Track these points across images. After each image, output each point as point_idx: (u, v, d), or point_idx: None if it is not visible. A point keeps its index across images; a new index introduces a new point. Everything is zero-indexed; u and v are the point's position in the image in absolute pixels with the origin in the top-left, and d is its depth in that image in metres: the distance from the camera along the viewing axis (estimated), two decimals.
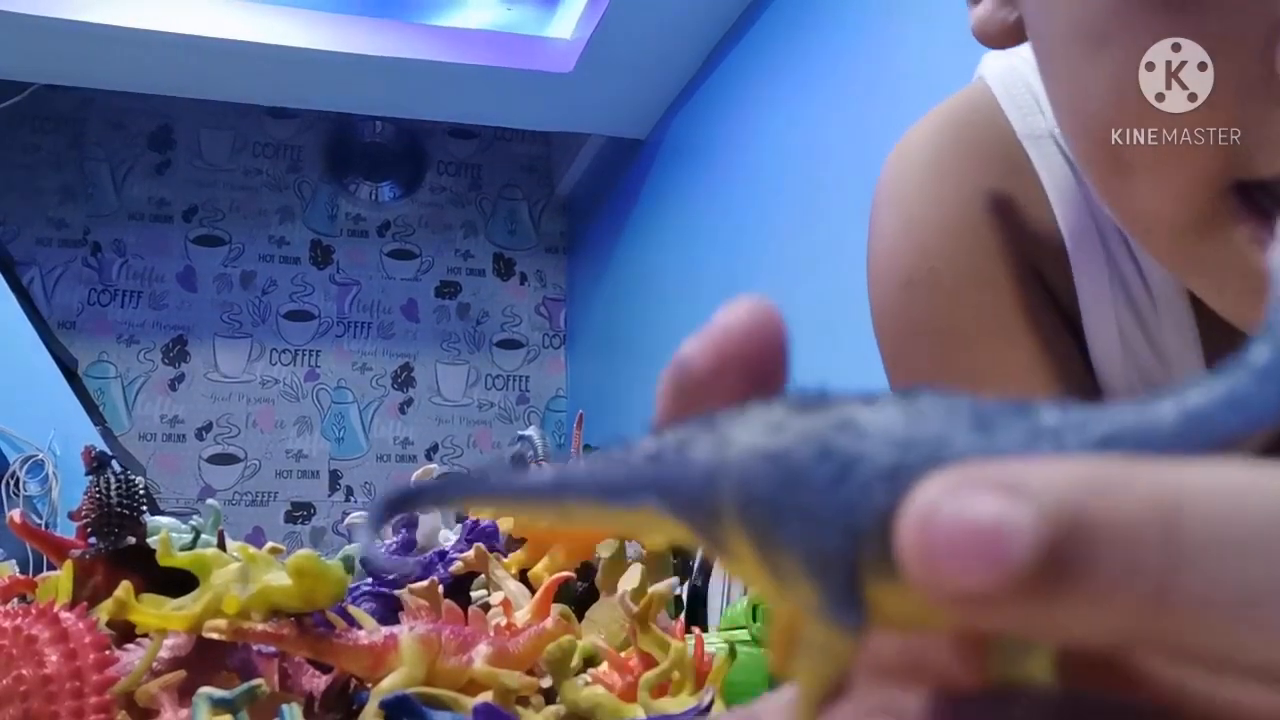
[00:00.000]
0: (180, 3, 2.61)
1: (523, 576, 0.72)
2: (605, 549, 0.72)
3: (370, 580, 0.72)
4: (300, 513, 3.61)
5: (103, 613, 0.55)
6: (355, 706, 0.55)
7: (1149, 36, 0.33)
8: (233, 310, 3.64)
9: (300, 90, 3.04)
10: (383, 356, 3.75)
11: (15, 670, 0.47)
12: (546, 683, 0.58)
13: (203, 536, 0.70)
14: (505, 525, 0.78)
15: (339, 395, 3.70)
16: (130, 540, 0.61)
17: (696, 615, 0.72)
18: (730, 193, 2.67)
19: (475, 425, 3.80)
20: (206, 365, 3.60)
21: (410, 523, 0.79)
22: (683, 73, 2.88)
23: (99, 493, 0.62)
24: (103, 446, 2.07)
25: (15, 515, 0.62)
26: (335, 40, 2.73)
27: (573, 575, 0.70)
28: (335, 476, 3.66)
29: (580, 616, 0.67)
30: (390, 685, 0.52)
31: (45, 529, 0.72)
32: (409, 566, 0.54)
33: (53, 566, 0.63)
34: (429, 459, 3.66)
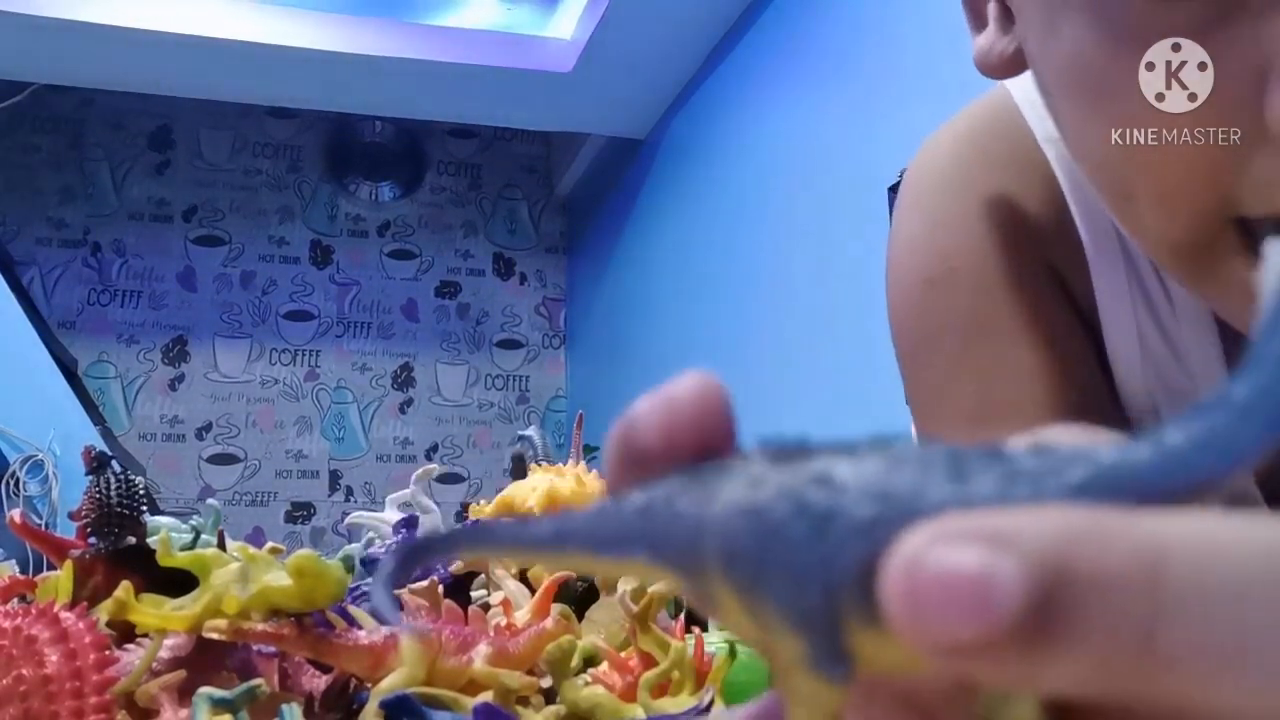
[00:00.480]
0: (180, 3, 2.61)
1: (523, 576, 0.72)
2: None
3: (370, 580, 0.72)
4: (300, 513, 3.61)
5: (103, 613, 0.55)
6: (355, 706, 0.55)
7: (1137, 92, 0.33)
8: (233, 310, 3.64)
9: (300, 90, 3.04)
10: (382, 356, 3.75)
11: (15, 670, 0.47)
12: (546, 683, 0.58)
13: (203, 536, 0.70)
14: None
15: (339, 395, 3.70)
16: (130, 540, 0.61)
17: (696, 615, 0.72)
18: (729, 192, 2.67)
19: (475, 425, 3.80)
20: (206, 365, 3.61)
21: (410, 523, 0.79)
22: (682, 73, 2.88)
23: (99, 493, 0.62)
24: (102, 446, 2.07)
25: (15, 515, 0.62)
26: (335, 40, 2.73)
27: (573, 575, 0.70)
28: (335, 476, 3.66)
29: (580, 616, 0.67)
30: (390, 685, 0.52)
31: (45, 529, 0.72)
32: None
33: (53, 566, 0.63)
34: (429, 459, 3.66)
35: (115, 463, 0.66)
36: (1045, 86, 0.40)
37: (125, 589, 0.54)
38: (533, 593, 0.67)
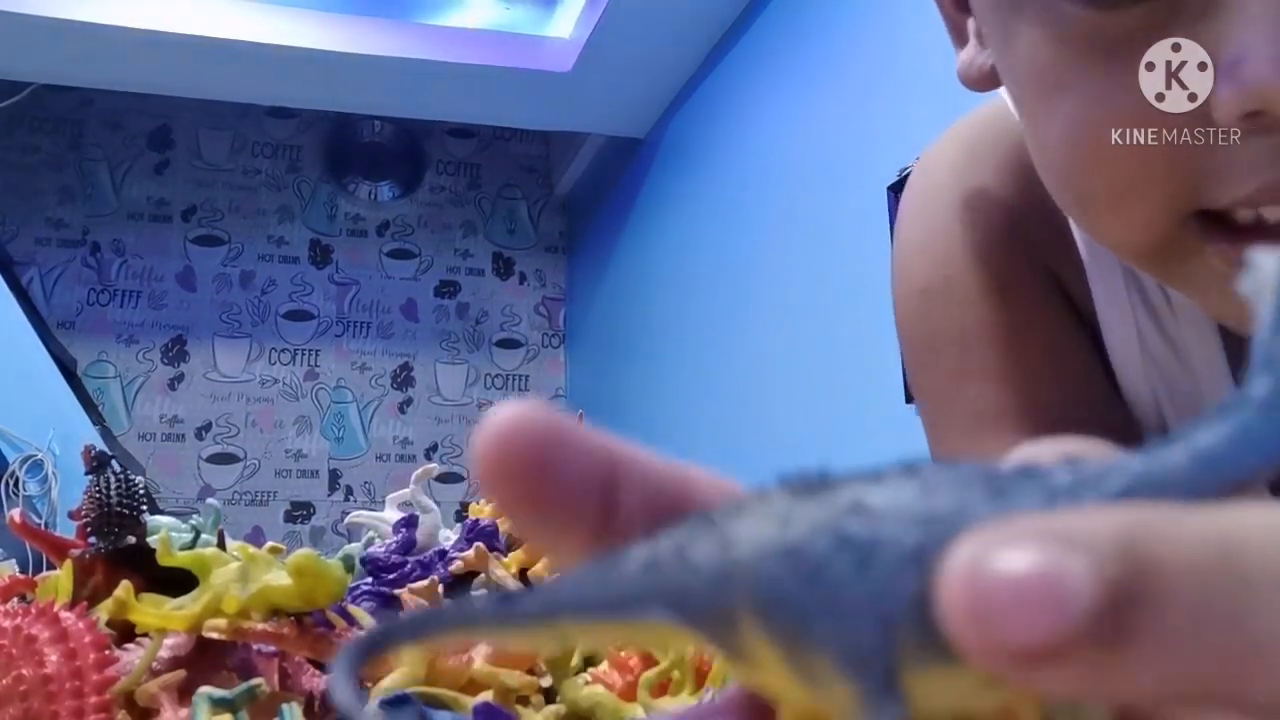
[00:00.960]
0: (180, 3, 2.61)
1: (523, 576, 0.72)
2: None
3: (370, 580, 0.72)
4: (300, 512, 3.61)
5: (103, 612, 0.55)
6: None
7: (1093, 86, 0.34)
8: (232, 310, 3.64)
9: (299, 90, 3.04)
10: (382, 356, 3.75)
11: (15, 670, 0.47)
12: (546, 682, 0.58)
13: (203, 536, 0.70)
14: (505, 525, 0.78)
15: (338, 395, 3.70)
16: (130, 540, 0.61)
17: None
18: (729, 192, 2.67)
19: (474, 425, 3.78)
20: (206, 365, 3.60)
21: (410, 522, 0.79)
22: (682, 72, 2.88)
23: (99, 492, 0.62)
24: (102, 446, 2.07)
25: (15, 515, 0.62)
26: (334, 40, 2.73)
27: None
28: (335, 476, 3.66)
29: None
30: (390, 685, 0.52)
31: (45, 529, 0.72)
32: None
33: (53, 566, 0.63)
34: (428, 459, 3.66)
35: (115, 462, 0.66)
36: (1013, 97, 0.41)
37: (125, 589, 0.54)
38: None
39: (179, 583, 0.55)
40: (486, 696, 0.54)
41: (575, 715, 0.54)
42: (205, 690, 0.47)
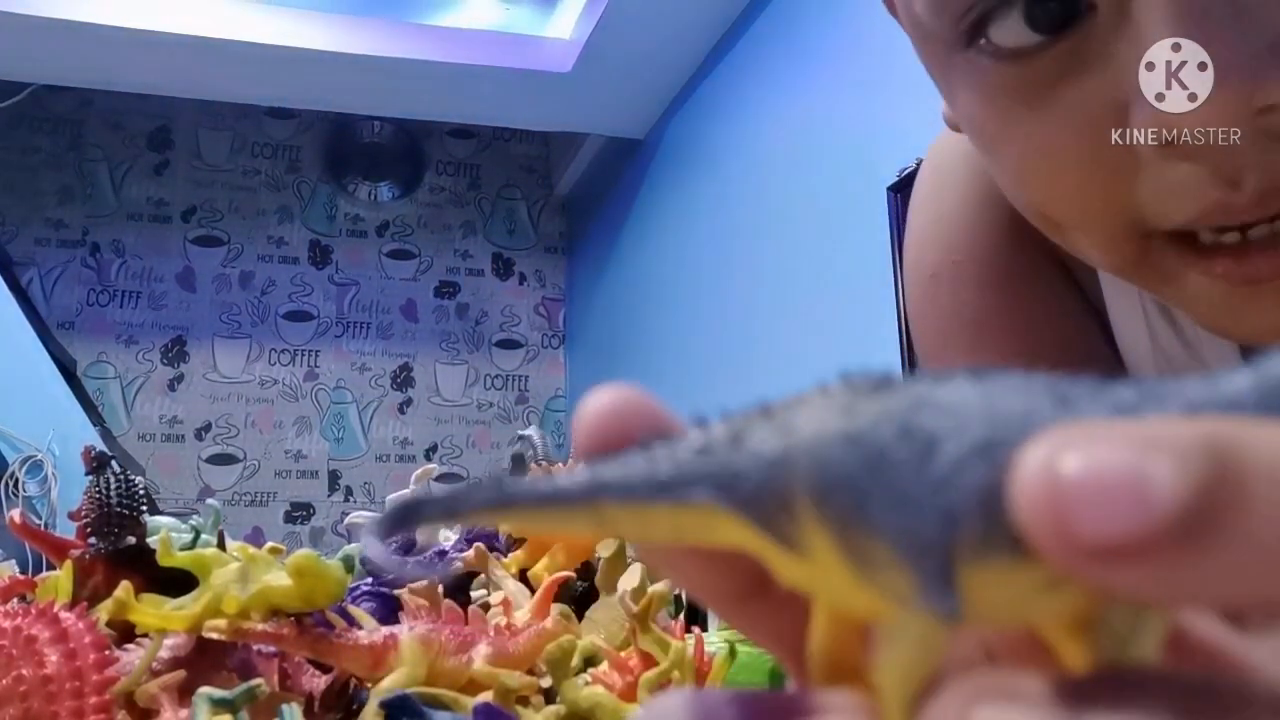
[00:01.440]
0: (180, 3, 2.61)
1: (523, 576, 0.72)
2: (605, 549, 0.72)
3: (370, 580, 0.72)
4: (299, 513, 3.61)
5: (103, 613, 0.55)
6: (355, 706, 0.55)
7: (1025, 134, 0.36)
8: (231, 310, 3.64)
9: (299, 90, 3.04)
10: (382, 356, 3.75)
11: (15, 670, 0.47)
12: (546, 683, 0.58)
13: (202, 536, 0.70)
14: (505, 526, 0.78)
15: (338, 395, 3.70)
16: (130, 540, 0.61)
17: (696, 615, 0.72)
18: (728, 192, 2.67)
19: (474, 425, 3.79)
20: (205, 365, 3.60)
21: None
22: (681, 73, 2.88)
23: (99, 493, 0.62)
24: (102, 447, 2.07)
25: (15, 515, 0.62)
26: (334, 40, 2.73)
27: (573, 575, 0.70)
28: (334, 477, 3.66)
29: (580, 616, 0.67)
30: (390, 685, 0.52)
31: (45, 529, 0.72)
32: (420, 569, 0.53)
33: (52, 566, 0.63)
34: (428, 459, 3.66)
35: (115, 463, 0.66)
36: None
37: (125, 589, 0.54)
38: (533, 592, 0.67)
39: (179, 583, 0.55)
40: (486, 697, 0.54)
41: (575, 715, 0.54)
42: (205, 690, 0.47)
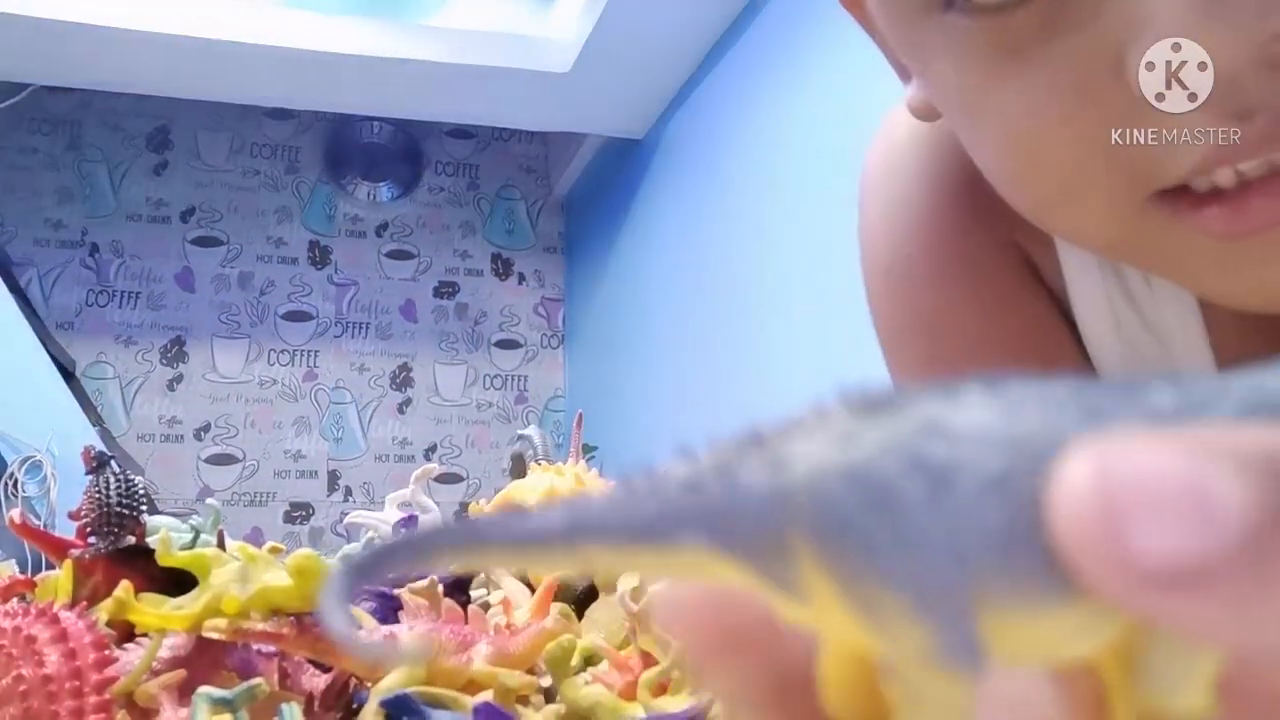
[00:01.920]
0: (180, 3, 2.61)
1: (523, 575, 0.72)
2: None
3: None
4: (299, 513, 3.60)
5: (103, 613, 0.55)
6: (355, 706, 0.55)
7: (1009, 98, 0.34)
8: (231, 311, 3.64)
9: (298, 90, 3.04)
10: (381, 357, 3.75)
11: (15, 670, 0.47)
12: (546, 682, 0.58)
13: (202, 536, 0.70)
14: None
15: (337, 395, 3.70)
16: (130, 540, 0.61)
17: None
18: (728, 192, 2.67)
19: (474, 425, 3.79)
20: (204, 366, 3.60)
21: (409, 522, 0.79)
22: (680, 73, 2.88)
23: (98, 492, 0.62)
24: (101, 447, 2.07)
25: (15, 515, 0.62)
26: (333, 40, 2.73)
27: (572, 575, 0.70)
28: (334, 476, 3.66)
29: (580, 616, 0.67)
30: (390, 685, 0.52)
31: (44, 529, 0.72)
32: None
33: (52, 566, 0.63)
34: (427, 459, 3.66)
35: (114, 463, 0.66)
36: (952, 127, 0.40)
37: (125, 589, 0.54)
38: (533, 592, 0.67)
39: (179, 583, 0.55)
40: (486, 696, 0.54)
41: (575, 715, 0.54)
42: (205, 690, 0.47)
